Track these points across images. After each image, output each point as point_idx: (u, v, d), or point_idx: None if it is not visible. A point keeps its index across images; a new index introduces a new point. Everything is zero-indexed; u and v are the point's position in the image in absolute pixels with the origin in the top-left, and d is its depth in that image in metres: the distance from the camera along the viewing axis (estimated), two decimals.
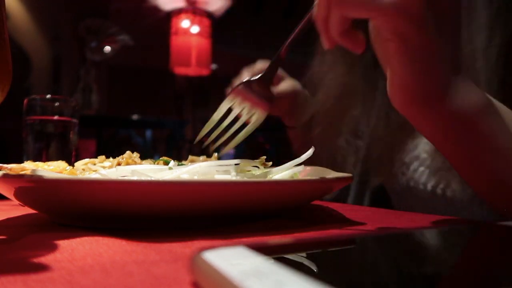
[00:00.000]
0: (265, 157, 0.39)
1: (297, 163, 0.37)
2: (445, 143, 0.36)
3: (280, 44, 0.43)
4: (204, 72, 3.50)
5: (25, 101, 0.57)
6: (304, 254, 0.17)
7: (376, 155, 0.60)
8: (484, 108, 0.33)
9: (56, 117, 0.57)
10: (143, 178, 0.30)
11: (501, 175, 0.35)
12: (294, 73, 0.70)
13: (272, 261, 0.14)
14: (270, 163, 0.39)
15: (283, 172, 0.36)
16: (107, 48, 4.56)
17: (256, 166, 0.38)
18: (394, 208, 0.59)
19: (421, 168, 0.55)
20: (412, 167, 0.56)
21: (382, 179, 0.59)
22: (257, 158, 0.40)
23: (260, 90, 0.43)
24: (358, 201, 0.64)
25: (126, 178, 0.31)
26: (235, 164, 0.35)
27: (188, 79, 4.83)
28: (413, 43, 0.30)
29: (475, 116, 0.33)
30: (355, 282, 0.15)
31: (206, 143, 0.44)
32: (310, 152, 0.37)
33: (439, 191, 0.52)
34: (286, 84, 0.69)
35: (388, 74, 0.33)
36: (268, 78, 0.44)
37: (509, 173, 0.35)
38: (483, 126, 0.33)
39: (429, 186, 0.53)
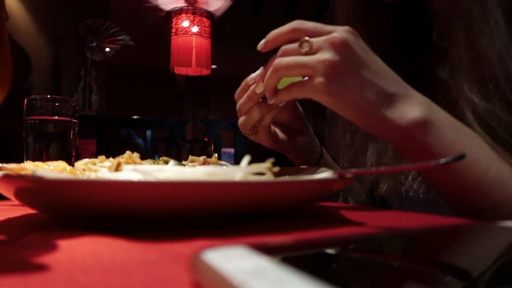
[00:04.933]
0: (273, 159, 0.36)
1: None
2: (402, 152, 0.43)
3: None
4: (204, 72, 3.50)
5: (25, 101, 0.57)
6: (304, 254, 0.17)
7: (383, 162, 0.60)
8: (422, 123, 0.39)
9: (56, 117, 0.57)
10: (147, 178, 0.30)
11: (449, 182, 0.41)
12: None
13: (272, 261, 0.14)
14: (278, 168, 0.36)
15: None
16: (108, 48, 4.56)
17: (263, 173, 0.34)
18: None
19: (420, 178, 0.55)
20: (410, 176, 0.56)
21: (384, 188, 0.59)
22: (257, 158, 0.39)
23: None
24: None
25: (126, 178, 0.31)
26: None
27: (188, 79, 4.83)
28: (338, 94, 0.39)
29: (414, 128, 0.39)
30: (355, 282, 0.15)
31: None
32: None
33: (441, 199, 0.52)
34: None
35: None
36: None
37: (455, 180, 0.40)
38: (423, 137, 0.39)
39: (431, 195, 0.53)
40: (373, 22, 0.59)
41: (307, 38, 0.40)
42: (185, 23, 3.38)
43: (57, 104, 0.57)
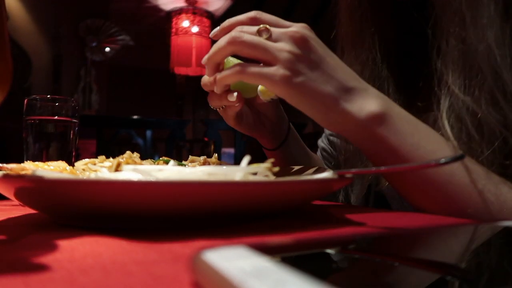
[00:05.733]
0: (273, 160, 0.36)
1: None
2: (361, 147, 0.44)
3: None
4: (204, 72, 3.50)
5: (25, 101, 0.57)
6: (304, 254, 0.17)
7: None
8: (379, 116, 0.40)
9: (56, 117, 0.57)
10: (147, 178, 0.30)
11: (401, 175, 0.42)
12: None
13: (272, 261, 0.14)
14: (277, 168, 0.36)
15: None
16: (108, 48, 4.57)
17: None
18: None
19: None
20: None
21: (385, 184, 0.59)
22: (257, 158, 0.39)
23: None
24: (363, 203, 0.64)
25: (126, 178, 0.31)
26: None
27: (188, 79, 4.83)
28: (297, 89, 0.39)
29: (371, 121, 0.40)
30: (355, 282, 0.15)
31: None
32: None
33: None
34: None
35: None
36: None
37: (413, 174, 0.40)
38: (380, 130, 0.40)
39: None
40: (378, 15, 0.59)
41: (267, 26, 0.41)
42: (185, 23, 3.38)
43: (57, 104, 0.57)
